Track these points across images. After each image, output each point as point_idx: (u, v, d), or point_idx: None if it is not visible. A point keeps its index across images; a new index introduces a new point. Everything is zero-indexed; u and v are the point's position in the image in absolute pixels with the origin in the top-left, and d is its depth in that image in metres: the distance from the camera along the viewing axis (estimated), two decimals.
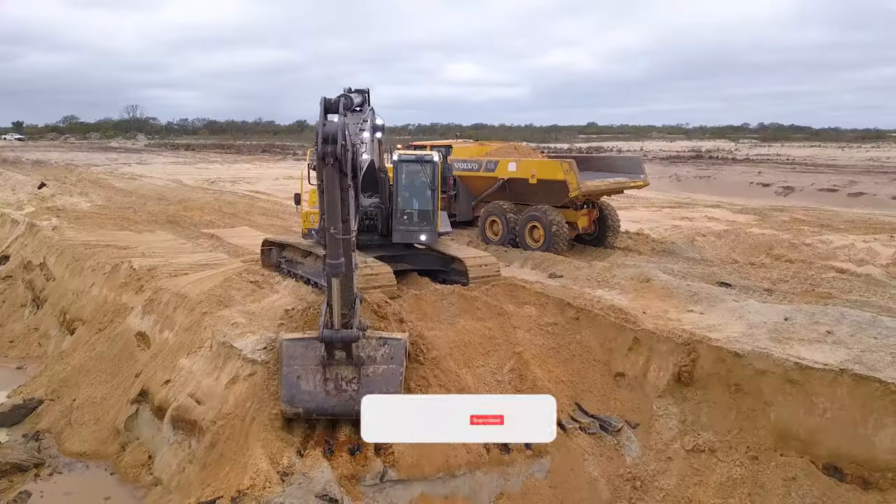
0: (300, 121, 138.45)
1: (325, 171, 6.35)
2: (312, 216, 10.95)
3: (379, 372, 7.61)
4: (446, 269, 11.67)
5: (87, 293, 13.53)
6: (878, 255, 14.57)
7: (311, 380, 7.51)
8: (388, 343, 7.66)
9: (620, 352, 9.23)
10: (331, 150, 6.24)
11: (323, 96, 6.71)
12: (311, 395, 7.48)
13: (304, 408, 7.52)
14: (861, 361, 7.63)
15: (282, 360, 7.65)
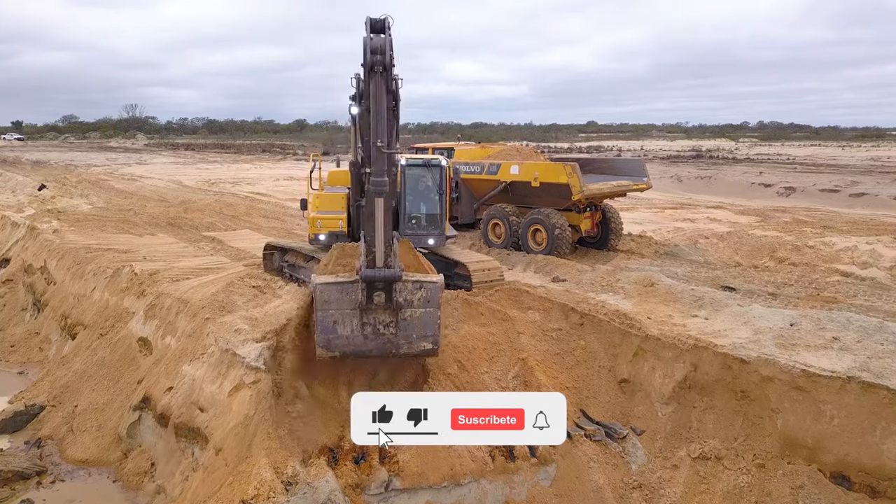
0: (300, 120, 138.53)
1: (373, 81, 6.49)
2: (320, 221, 10.87)
3: (416, 315, 7.51)
4: (449, 273, 11.60)
5: (88, 297, 13.47)
6: (882, 258, 14.51)
7: (347, 324, 7.37)
8: (424, 286, 7.48)
9: (625, 358, 9.19)
10: (379, 60, 6.44)
11: (368, 16, 6.85)
12: (349, 339, 7.38)
13: (340, 352, 7.42)
14: (868, 368, 7.58)
15: (316, 304, 7.41)
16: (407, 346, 7.52)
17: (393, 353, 7.30)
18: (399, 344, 7.32)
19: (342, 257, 8.27)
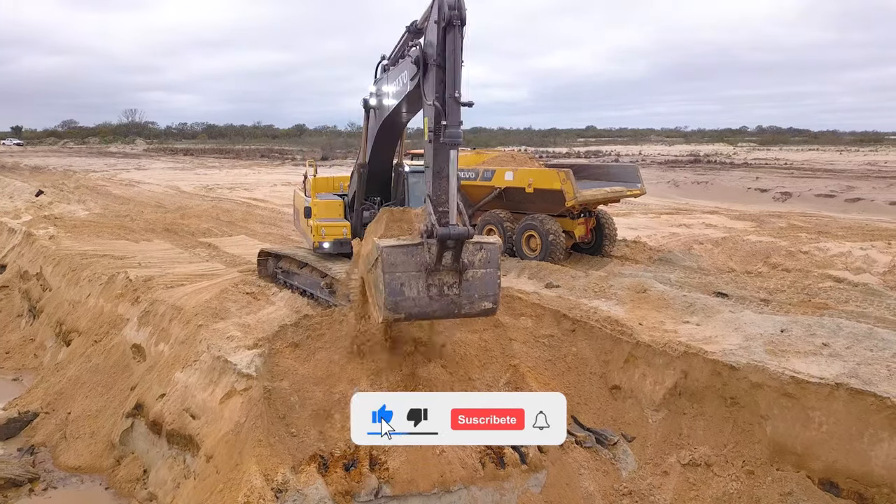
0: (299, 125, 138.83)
1: (450, 35, 6.89)
2: (324, 229, 10.85)
3: (478, 276, 7.56)
4: None
5: (83, 304, 13.52)
6: (875, 263, 14.55)
7: (414, 286, 7.40)
8: (484, 247, 7.53)
9: (616, 364, 9.22)
10: (456, 14, 6.88)
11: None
12: (415, 301, 7.42)
13: (406, 313, 7.45)
14: (857, 375, 7.61)
15: (382, 267, 7.38)
16: (469, 306, 7.63)
17: (455, 314, 7.50)
18: (462, 304, 7.47)
19: (393, 222, 8.38)
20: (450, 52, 7.03)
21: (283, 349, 8.80)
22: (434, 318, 7.87)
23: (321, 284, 10.72)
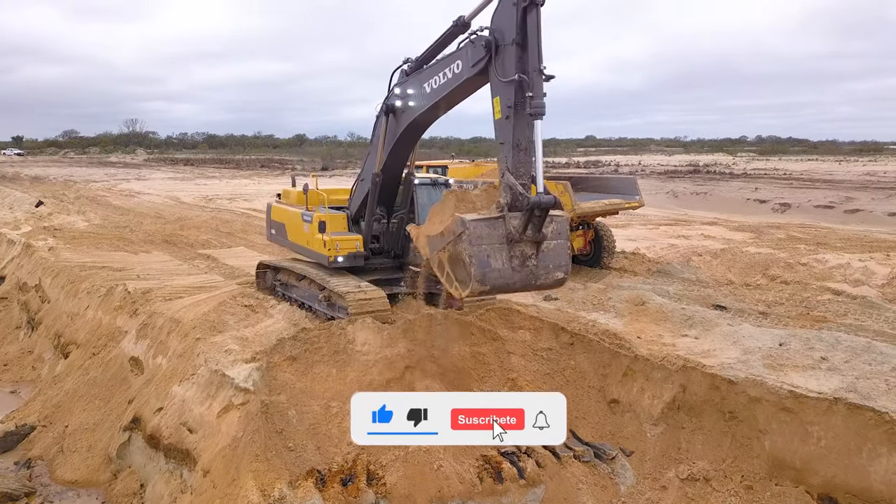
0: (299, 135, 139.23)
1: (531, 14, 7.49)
2: (338, 243, 10.70)
3: (552, 247, 7.82)
4: (440, 292, 11.63)
5: (81, 316, 13.50)
6: (874, 275, 14.55)
7: (498, 258, 7.69)
8: (555, 220, 7.76)
9: (615, 378, 9.20)
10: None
11: None
12: (500, 272, 7.66)
13: (492, 285, 7.65)
14: (855, 389, 7.61)
15: (470, 240, 7.63)
16: (545, 276, 7.90)
17: (532, 285, 7.79)
18: (539, 275, 7.71)
19: (459, 202, 8.57)
20: (532, 29, 7.60)
21: (281, 363, 8.79)
22: (513, 291, 8.26)
23: (319, 297, 10.71)
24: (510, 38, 7.73)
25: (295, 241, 11.84)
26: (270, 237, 13.18)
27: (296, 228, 11.72)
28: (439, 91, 8.97)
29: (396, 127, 10.06)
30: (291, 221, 11.93)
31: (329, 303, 10.50)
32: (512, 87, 7.67)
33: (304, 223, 11.43)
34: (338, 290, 10.14)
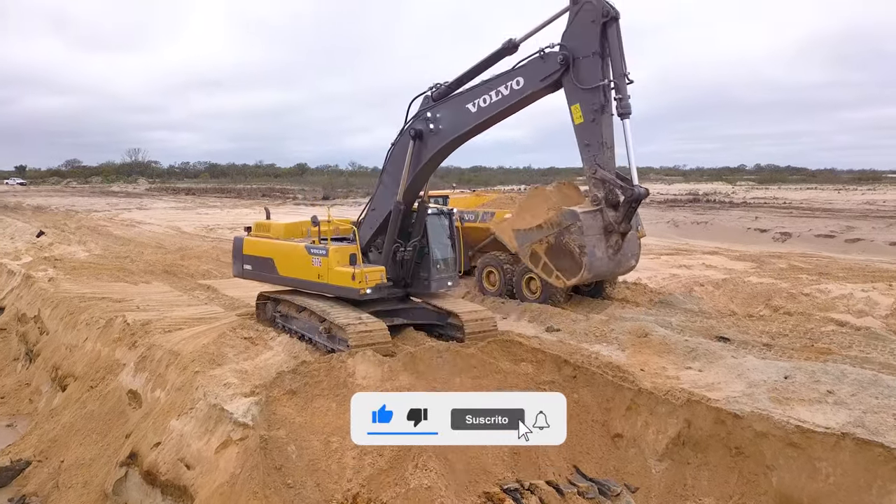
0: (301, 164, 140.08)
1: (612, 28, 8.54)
2: (368, 275, 10.62)
3: (628, 237, 8.76)
4: (442, 323, 11.57)
5: (80, 348, 13.41)
6: (878, 306, 14.47)
7: (600, 247, 8.64)
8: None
9: (618, 412, 9.07)
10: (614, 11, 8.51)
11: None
12: (601, 261, 8.54)
13: (595, 273, 8.62)
14: (863, 424, 7.48)
15: (581, 231, 8.58)
16: (625, 263, 8.92)
17: (616, 272, 9.18)
18: (621, 262, 8.68)
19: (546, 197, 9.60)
20: (614, 40, 8.64)
21: (281, 397, 8.68)
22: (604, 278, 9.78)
23: (320, 329, 10.63)
24: (590, 50, 8.73)
25: (295, 275, 11.49)
26: (244, 273, 12.59)
27: (296, 262, 11.40)
28: (490, 108, 9.66)
29: (424, 151, 10.44)
30: (288, 255, 11.56)
31: (329, 335, 10.43)
32: (597, 93, 8.68)
33: (313, 256, 11.09)
34: (338, 322, 10.07)
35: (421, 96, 10.64)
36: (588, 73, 8.80)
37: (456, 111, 10.07)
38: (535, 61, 9.30)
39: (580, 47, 8.85)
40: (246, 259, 12.42)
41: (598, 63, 8.77)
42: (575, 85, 8.90)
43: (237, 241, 12.82)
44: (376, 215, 11.29)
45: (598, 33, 8.72)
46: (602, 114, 8.78)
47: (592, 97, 8.79)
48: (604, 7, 8.70)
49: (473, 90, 9.94)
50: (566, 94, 9.10)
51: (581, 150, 9.09)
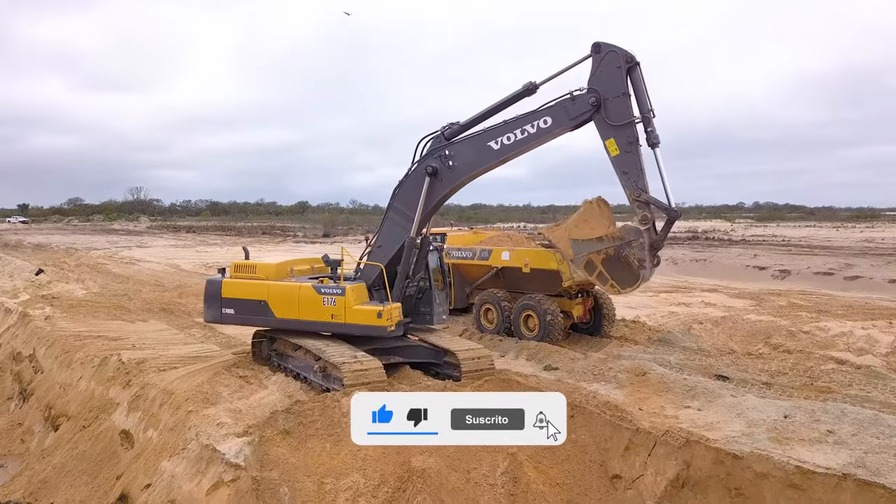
0: (302, 201, 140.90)
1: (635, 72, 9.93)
2: (392, 313, 10.71)
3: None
4: (438, 361, 11.49)
5: (74, 387, 13.27)
6: (878, 344, 14.39)
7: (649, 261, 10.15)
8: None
9: (616, 452, 8.94)
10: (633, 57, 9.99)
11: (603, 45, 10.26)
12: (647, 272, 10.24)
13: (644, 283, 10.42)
14: (864, 465, 7.37)
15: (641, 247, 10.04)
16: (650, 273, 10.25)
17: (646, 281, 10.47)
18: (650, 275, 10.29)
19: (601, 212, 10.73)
20: (639, 82, 9.98)
21: (274, 437, 8.59)
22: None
23: (315, 368, 10.56)
24: (619, 91, 9.95)
25: (297, 317, 11.14)
26: (223, 318, 11.89)
27: (300, 303, 11.09)
28: (514, 146, 10.50)
29: (438, 188, 10.97)
30: (287, 296, 11.28)
31: (324, 374, 10.36)
32: (630, 128, 9.93)
33: (324, 296, 10.93)
34: (333, 361, 10.00)
35: (432, 136, 11.10)
36: (618, 112, 9.96)
37: (477, 148, 10.70)
38: (564, 102, 10.23)
39: (609, 89, 9.96)
40: (226, 303, 11.73)
41: (627, 102, 9.96)
42: (607, 122, 9.99)
43: (213, 285, 11.95)
44: (383, 252, 11.41)
45: (624, 77, 9.92)
46: (636, 145, 9.99)
47: (626, 132, 9.95)
48: (626, 54, 9.92)
49: (496, 128, 10.61)
50: (598, 130, 10.18)
51: (620, 177, 10.17)
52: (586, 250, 10.23)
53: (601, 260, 10.20)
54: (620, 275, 10.17)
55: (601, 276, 10.27)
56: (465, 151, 10.81)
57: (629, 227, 10.13)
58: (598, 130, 10.23)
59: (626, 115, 9.97)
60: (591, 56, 10.20)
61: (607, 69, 9.99)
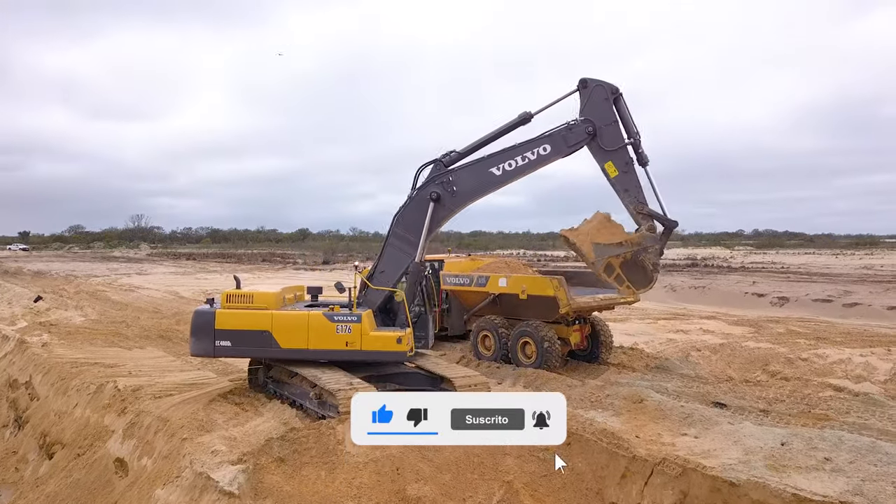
0: (302, 229, 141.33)
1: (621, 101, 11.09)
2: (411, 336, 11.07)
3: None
4: (435, 389, 11.45)
5: (69, 414, 13.22)
6: (876, 371, 14.36)
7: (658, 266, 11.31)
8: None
9: (613, 480, 8.88)
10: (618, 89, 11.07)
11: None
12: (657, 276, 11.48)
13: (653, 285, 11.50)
14: (862, 493, 7.32)
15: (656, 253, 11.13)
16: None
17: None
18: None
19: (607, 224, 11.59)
20: (624, 110, 11.09)
21: (269, 464, 8.54)
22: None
23: (310, 395, 10.53)
24: (610, 120, 11.04)
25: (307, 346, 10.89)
26: (217, 351, 11.25)
27: (310, 332, 10.86)
28: (515, 172, 11.26)
29: (442, 213, 11.46)
30: (295, 325, 10.95)
31: (320, 401, 10.32)
32: (624, 150, 11.01)
33: (338, 324, 10.79)
34: (328, 388, 9.98)
35: (431, 163, 11.58)
36: (612, 137, 11.05)
37: (479, 175, 11.35)
38: (561, 131, 11.20)
39: (601, 118, 11.04)
40: (221, 335, 11.13)
41: (617, 129, 11.05)
42: (602, 148, 11.04)
43: (203, 316, 11.32)
44: (386, 277, 11.56)
45: (611, 106, 11.03)
46: (632, 165, 11.03)
47: (621, 154, 11.06)
48: (611, 86, 11.05)
49: (498, 155, 11.35)
50: (595, 156, 11.21)
51: (622, 195, 11.12)
52: (607, 254, 11.17)
53: (619, 263, 11.18)
54: (635, 277, 11.24)
55: (618, 278, 11.27)
56: (467, 178, 11.37)
57: (647, 235, 11.07)
58: (594, 156, 11.19)
59: (619, 139, 11.01)
60: (578, 90, 11.23)
61: (597, 101, 11.06)
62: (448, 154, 11.57)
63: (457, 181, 11.35)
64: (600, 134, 11.04)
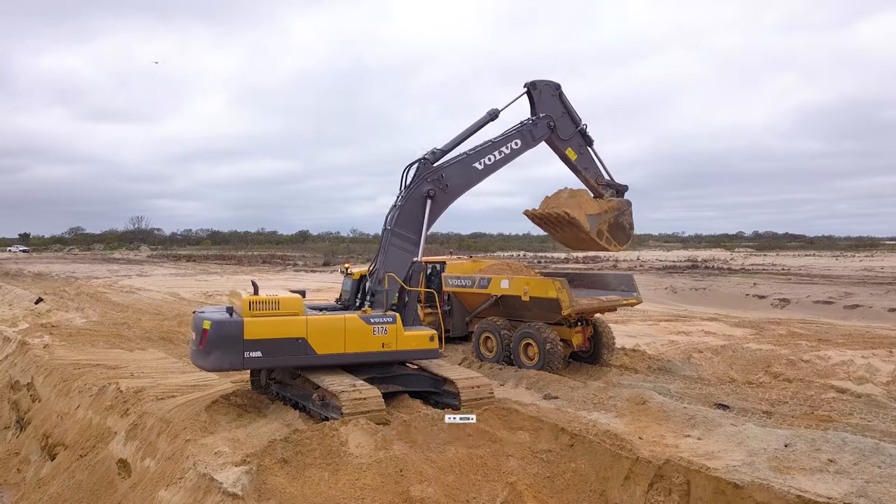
0: (303, 231, 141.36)
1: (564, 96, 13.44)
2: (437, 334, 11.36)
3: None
4: (438, 390, 11.46)
5: (71, 416, 13.21)
6: (878, 372, 14.35)
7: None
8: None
9: (616, 481, 8.87)
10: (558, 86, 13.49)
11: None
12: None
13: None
14: (866, 494, 7.32)
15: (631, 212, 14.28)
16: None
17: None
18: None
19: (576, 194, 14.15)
20: (567, 103, 13.42)
21: (272, 466, 8.53)
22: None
23: (313, 397, 10.52)
24: (560, 113, 13.29)
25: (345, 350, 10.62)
26: (245, 363, 10.26)
27: (347, 336, 10.62)
28: (494, 165, 12.51)
29: (437, 209, 12.04)
30: (331, 330, 10.60)
31: (323, 402, 10.32)
32: (577, 136, 13.48)
33: (374, 326, 10.71)
34: (331, 390, 9.97)
35: (417, 162, 11.96)
36: (565, 127, 13.38)
37: (465, 170, 12.25)
38: (527, 127, 12.95)
39: (554, 112, 13.23)
40: (251, 345, 10.14)
41: (568, 119, 13.38)
42: (560, 137, 13.28)
43: (226, 326, 10.20)
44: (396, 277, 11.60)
45: (559, 101, 13.32)
46: (585, 147, 13.70)
47: (577, 140, 13.56)
48: (554, 83, 13.31)
49: (478, 151, 12.43)
50: (556, 144, 13.39)
51: (581, 173, 13.84)
52: (598, 222, 13.46)
53: (607, 227, 13.64)
54: (618, 236, 13.99)
55: (607, 240, 13.75)
56: (456, 173, 12.17)
57: (622, 200, 13.96)
58: (553, 145, 13.41)
59: (571, 128, 13.40)
60: (528, 91, 13.27)
61: (546, 99, 13.18)
62: (432, 152, 12.12)
63: (448, 177, 12.05)
64: (556, 126, 13.10)
